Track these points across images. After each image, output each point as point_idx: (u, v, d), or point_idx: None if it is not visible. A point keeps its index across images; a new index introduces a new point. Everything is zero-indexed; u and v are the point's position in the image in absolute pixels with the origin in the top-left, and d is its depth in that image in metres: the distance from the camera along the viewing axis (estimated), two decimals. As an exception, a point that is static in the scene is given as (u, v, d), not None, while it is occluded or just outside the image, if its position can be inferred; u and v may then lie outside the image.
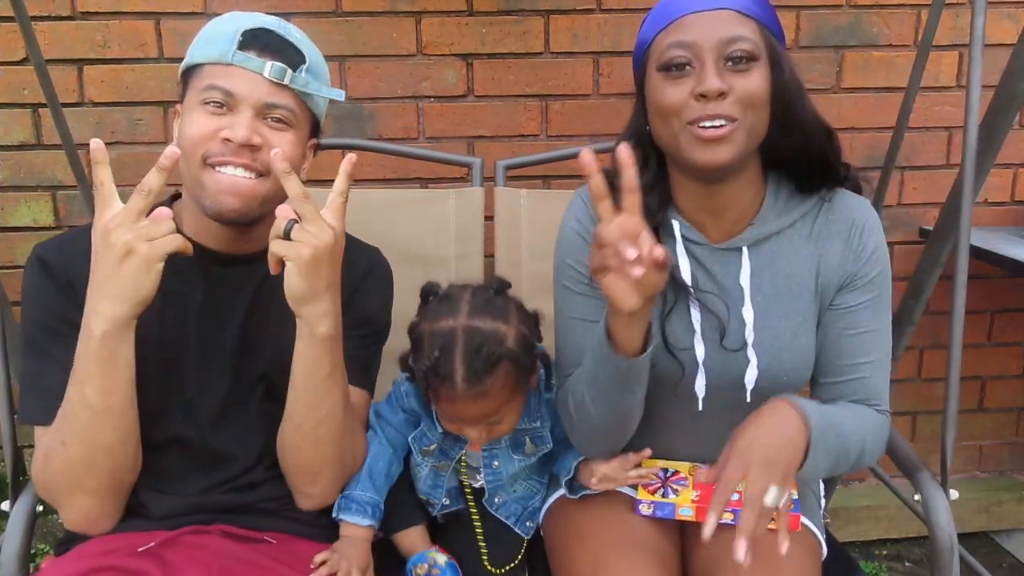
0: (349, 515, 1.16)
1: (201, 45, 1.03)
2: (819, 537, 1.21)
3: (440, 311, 1.10)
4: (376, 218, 1.56)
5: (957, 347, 1.25)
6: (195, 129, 1.00)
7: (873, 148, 2.02)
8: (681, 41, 0.99)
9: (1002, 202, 2.14)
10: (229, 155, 1.00)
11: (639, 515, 1.16)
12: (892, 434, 1.22)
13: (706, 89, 0.97)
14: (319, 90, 1.05)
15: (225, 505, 1.12)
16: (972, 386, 2.27)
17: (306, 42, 1.07)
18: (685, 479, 1.21)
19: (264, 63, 1.00)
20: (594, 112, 1.95)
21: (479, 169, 1.66)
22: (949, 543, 1.17)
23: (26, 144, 1.90)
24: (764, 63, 1.01)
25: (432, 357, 1.04)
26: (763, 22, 1.02)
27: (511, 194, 1.65)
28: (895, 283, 2.09)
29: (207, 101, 1.00)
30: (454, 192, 1.65)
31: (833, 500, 1.93)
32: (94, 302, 0.94)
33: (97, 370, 0.95)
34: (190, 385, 1.10)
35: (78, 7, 1.81)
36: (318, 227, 0.94)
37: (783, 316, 1.10)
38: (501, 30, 1.89)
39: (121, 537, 1.06)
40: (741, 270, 1.10)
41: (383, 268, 1.24)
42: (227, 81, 1.00)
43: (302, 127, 1.07)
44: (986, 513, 2.29)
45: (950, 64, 2.01)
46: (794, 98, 1.04)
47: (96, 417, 0.97)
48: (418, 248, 1.61)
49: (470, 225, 1.63)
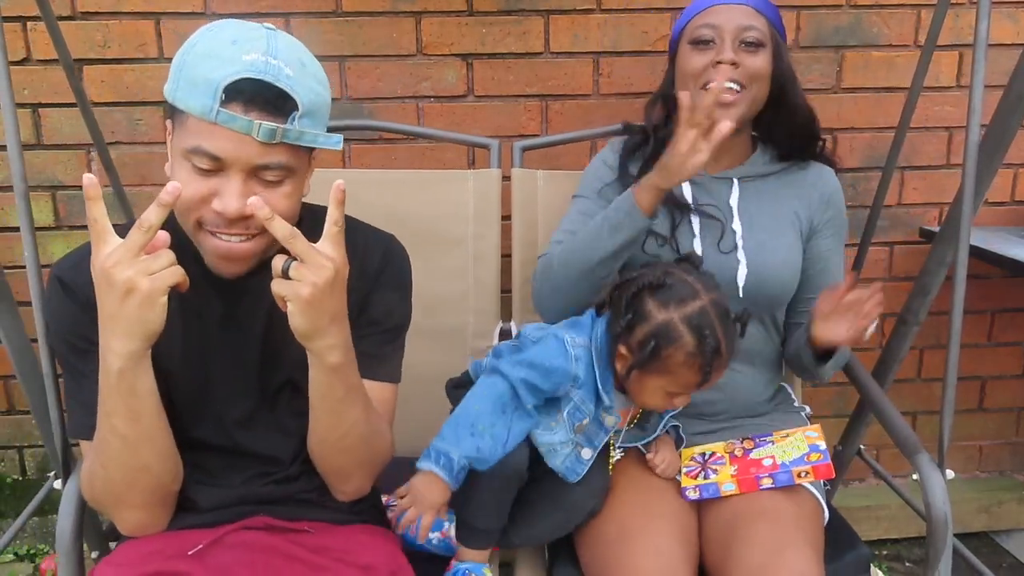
0: (428, 463, 1.13)
1: (184, 87, 0.93)
2: (821, 502, 1.31)
3: (679, 295, 1.14)
4: (395, 198, 1.59)
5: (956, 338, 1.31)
6: (186, 192, 0.93)
7: (873, 148, 2.02)
8: (709, 23, 1.33)
9: (1002, 202, 2.14)
10: (224, 227, 0.97)
11: (687, 500, 1.27)
12: (893, 416, 1.40)
13: (723, 58, 1.31)
14: (314, 140, 0.97)
15: (266, 496, 1.14)
16: (972, 386, 2.27)
17: (300, 80, 0.95)
18: (722, 458, 1.30)
19: (251, 124, 0.91)
20: (594, 112, 1.95)
21: (496, 151, 1.69)
22: (944, 520, 1.23)
23: (26, 144, 1.89)
24: (769, 50, 1.34)
25: (700, 336, 1.11)
26: (771, 20, 1.36)
27: (528, 175, 1.68)
28: (897, 283, 2.11)
29: (194, 162, 0.94)
30: (472, 173, 1.70)
31: (834, 500, 1.94)
32: (106, 339, 0.93)
33: (121, 402, 0.96)
34: (217, 398, 1.10)
35: (78, 7, 1.81)
36: (316, 264, 0.91)
37: (766, 231, 1.39)
38: (501, 30, 1.89)
39: (170, 537, 1.09)
40: (731, 194, 1.41)
41: (399, 259, 1.18)
42: (212, 143, 0.92)
43: (300, 168, 1.00)
44: (986, 513, 2.29)
45: (950, 64, 2.01)
46: (788, 82, 1.38)
47: (129, 443, 0.98)
48: (436, 228, 1.66)
49: (487, 205, 1.67)
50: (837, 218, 1.46)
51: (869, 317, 1.23)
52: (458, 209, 1.67)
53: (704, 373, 1.13)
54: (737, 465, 1.27)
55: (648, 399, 1.20)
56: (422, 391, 1.36)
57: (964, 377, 2.25)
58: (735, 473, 1.25)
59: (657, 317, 1.13)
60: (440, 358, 1.48)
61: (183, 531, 1.10)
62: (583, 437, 1.23)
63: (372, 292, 1.13)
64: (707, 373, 1.14)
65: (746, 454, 1.29)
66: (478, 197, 1.67)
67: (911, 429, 1.35)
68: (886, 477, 1.67)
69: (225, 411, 1.11)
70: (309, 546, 1.10)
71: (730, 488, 1.24)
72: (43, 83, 1.85)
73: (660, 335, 1.12)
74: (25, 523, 1.41)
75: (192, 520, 1.11)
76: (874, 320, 1.23)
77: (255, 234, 0.99)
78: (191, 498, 1.12)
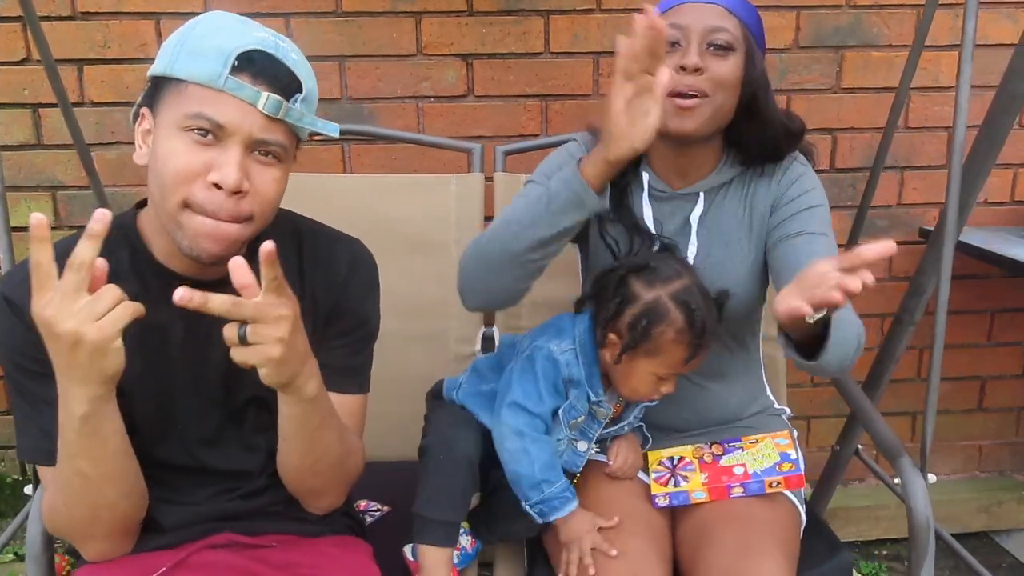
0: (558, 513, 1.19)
1: (185, 57, 0.90)
2: (798, 507, 1.29)
3: (664, 275, 1.17)
4: (377, 203, 1.58)
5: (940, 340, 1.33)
6: (179, 163, 0.89)
7: (873, 148, 2.01)
8: (676, 23, 1.18)
9: (1002, 202, 2.14)
10: (215, 207, 0.90)
11: (657, 507, 1.25)
12: (877, 421, 1.38)
13: (686, 63, 1.16)
14: (313, 124, 0.96)
15: (232, 512, 1.11)
16: (972, 386, 2.27)
17: (302, 65, 0.97)
18: (691, 463, 1.28)
19: (259, 94, 0.89)
20: (594, 112, 1.95)
21: (479, 155, 1.68)
22: (925, 524, 1.24)
23: (26, 144, 1.90)
24: (740, 55, 1.19)
25: (689, 311, 1.13)
26: (745, 22, 1.21)
27: (511, 179, 1.67)
28: (896, 283, 2.11)
29: (191, 128, 0.89)
30: (455, 178, 1.68)
31: (833, 500, 1.94)
32: (64, 385, 0.87)
33: (86, 445, 0.91)
34: (180, 416, 1.06)
35: (78, 7, 1.81)
36: (272, 318, 0.84)
37: (723, 246, 1.28)
38: (501, 30, 1.89)
39: (132, 561, 1.05)
40: (694, 210, 1.29)
41: (366, 264, 1.13)
42: (217, 110, 0.89)
43: (289, 158, 0.98)
44: (986, 513, 2.29)
45: (950, 64, 2.01)
46: (759, 90, 1.22)
47: (93, 483, 0.94)
48: (419, 233, 1.64)
49: (470, 210, 1.66)
50: (803, 198, 1.26)
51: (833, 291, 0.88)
52: (441, 213, 1.65)
53: (693, 348, 1.15)
54: (708, 473, 1.26)
55: (637, 385, 1.20)
56: (404, 395, 1.36)
57: (964, 377, 2.25)
58: (706, 481, 1.25)
59: (646, 296, 1.15)
60: (423, 362, 1.47)
61: (146, 553, 1.06)
62: (577, 432, 1.25)
63: (340, 302, 1.09)
64: (696, 348, 1.15)
65: (716, 460, 1.28)
66: (461, 201, 1.66)
67: (893, 433, 1.36)
68: (884, 477, 1.67)
69: (188, 429, 1.06)
70: (275, 563, 1.07)
71: (700, 496, 1.24)
72: (43, 83, 1.83)
73: (650, 313, 1.14)
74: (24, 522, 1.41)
75: (155, 542, 1.07)
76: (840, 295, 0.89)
77: (246, 218, 0.94)
78: (154, 518, 1.07)
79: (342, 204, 1.58)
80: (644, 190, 1.29)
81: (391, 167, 1.95)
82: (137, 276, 1.01)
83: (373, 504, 1.45)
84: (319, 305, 1.09)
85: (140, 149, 0.97)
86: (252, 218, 0.94)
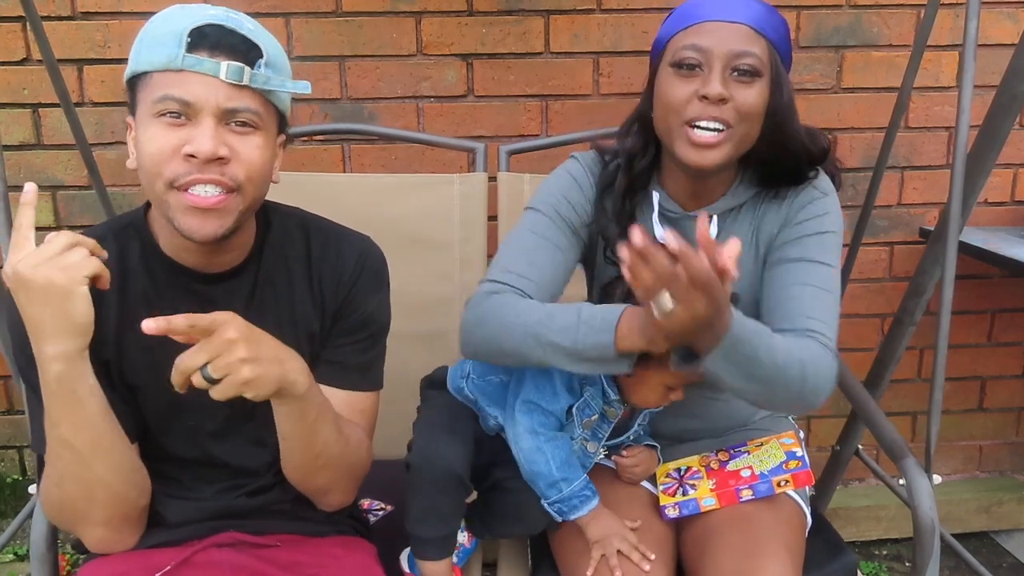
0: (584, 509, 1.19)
1: (145, 50, 0.93)
2: (803, 508, 1.27)
3: None
4: (381, 202, 1.58)
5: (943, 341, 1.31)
6: (153, 146, 0.91)
7: (873, 148, 2.02)
8: (696, 44, 1.09)
9: (1002, 202, 2.14)
10: (196, 173, 0.91)
11: (667, 519, 1.24)
12: (881, 421, 1.35)
13: (708, 92, 1.06)
14: (282, 85, 0.96)
15: (239, 509, 1.11)
16: (972, 386, 2.27)
17: (261, 32, 0.97)
18: (698, 472, 1.28)
19: (218, 64, 0.90)
20: (594, 112, 1.95)
21: (482, 155, 1.68)
22: (931, 525, 1.22)
23: (26, 144, 1.90)
24: (766, 81, 1.10)
25: None
26: (774, 43, 1.10)
27: (514, 179, 1.68)
28: (896, 283, 2.11)
29: (162, 113, 0.91)
30: (458, 177, 1.68)
31: (833, 500, 1.94)
32: (39, 347, 0.90)
33: (66, 411, 0.93)
34: (190, 409, 1.07)
35: (78, 7, 1.81)
36: (224, 348, 0.86)
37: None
38: (501, 30, 1.89)
39: (137, 557, 1.05)
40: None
41: (375, 262, 1.13)
42: (180, 89, 0.90)
43: (269, 126, 0.97)
44: (986, 513, 2.29)
45: (950, 64, 2.01)
46: (786, 119, 1.13)
47: (79, 455, 0.95)
48: (423, 232, 1.65)
49: (474, 210, 1.66)
50: (811, 223, 1.18)
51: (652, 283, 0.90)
52: (445, 213, 1.66)
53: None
54: (715, 479, 1.26)
55: (648, 394, 1.19)
56: (407, 394, 1.36)
57: (964, 377, 2.25)
58: (714, 487, 1.24)
59: None
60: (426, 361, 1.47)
61: (150, 550, 1.06)
62: (589, 432, 1.25)
63: (347, 300, 1.10)
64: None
65: (722, 466, 1.28)
66: (464, 201, 1.67)
67: (897, 433, 1.35)
68: (884, 478, 1.67)
69: (198, 422, 1.07)
70: (280, 563, 1.07)
71: (710, 503, 1.23)
72: (43, 83, 1.85)
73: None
74: (24, 522, 1.41)
75: (160, 537, 1.07)
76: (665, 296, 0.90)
77: (232, 188, 0.94)
78: (160, 512, 1.08)
79: (346, 204, 1.58)
80: (654, 211, 1.22)
81: (391, 167, 1.94)
82: (147, 271, 1.03)
83: (376, 503, 1.45)
84: (326, 302, 1.09)
85: (132, 155, 0.99)
86: (240, 187, 0.94)
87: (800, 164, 1.18)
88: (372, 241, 1.15)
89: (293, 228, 1.10)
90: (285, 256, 1.09)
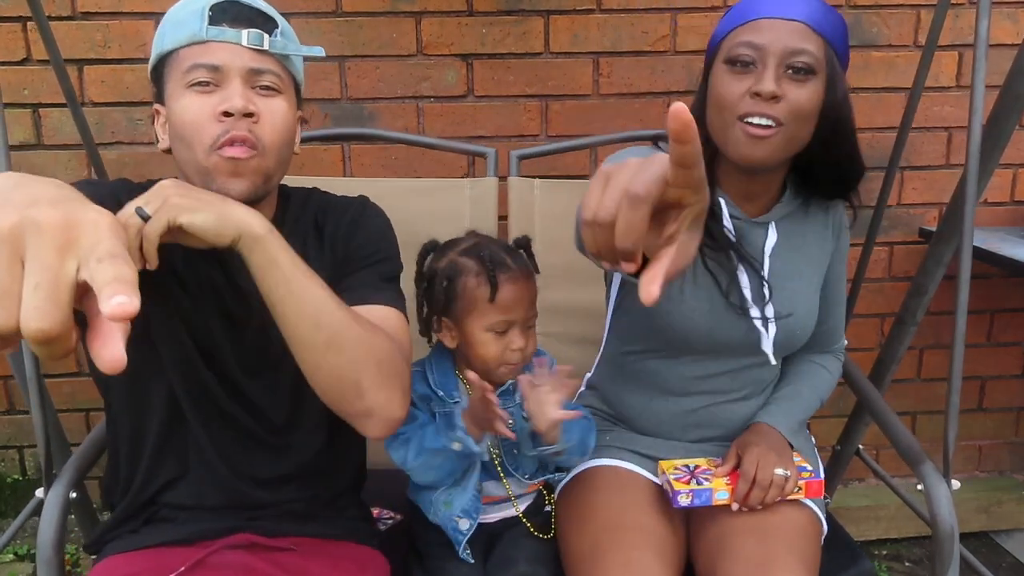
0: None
1: (168, 32, 1.00)
2: (819, 515, 1.26)
3: (452, 244, 1.22)
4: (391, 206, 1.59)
5: (960, 343, 1.29)
6: (189, 115, 0.97)
7: (873, 148, 2.02)
8: (751, 42, 1.09)
9: (1002, 202, 2.14)
10: (232, 131, 0.97)
11: (679, 507, 1.20)
12: (896, 425, 1.36)
13: (761, 89, 1.07)
14: (299, 50, 1.04)
15: (253, 501, 1.10)
16: (972, 386, 2.27)
17: (270, 8, 1.05)
18: (708, 469, 1.26)
19: (239, 32, 0.98)
20: (594, 112, 1.95)
21: (493, 159, 1.68)
22: (950, 532, 1.20)
23: (26, 144, 1.90)
24: (821, 79, 1.10)
25: (478, 255, 1.16)
26: (830, 41, 1.10)
27: (525, 184, 1.68)
28: (895, 283, 2.11)
29: (193, 83, 0.97)
30: (468, 182, 1.68)
31: (833, 500, 1.94)
32: None
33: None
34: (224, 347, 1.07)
35: (78, 7, 1.81)
36: (159, 192, 0.90)
37: (796, 277, 1.27)
38: (501, 30, 1.89)
39: (148, 557, 1.06)
40: (767, 240, 1.24)
41: (374, 210, 1.19)
42: (208, 57, 0.97)
43: (289, 93, 1.05)
44: (986, 513, 2.29)
45: (950, 64, 2.01)
46: (842, 118, 1.13)
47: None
48: (433, 235, 1.61)
49: (484, 215, 1.66)
50: (845, 240, 1.34)
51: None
52: (455, 217, 1.65)
53: (494, 282, 1.13)
54: (728, 476, 1.23)
55: (483, 352, 1.16)
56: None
57: (964, 377, 2.22)
58: (728, 482, 1.21)
59: (440, 264, 1.20)
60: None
61: (162, 548, 1.07)
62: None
63: (350, 238, 1.13)
64: (497, 281, 1.13)
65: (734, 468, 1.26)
66: (475, 206, 1.66)
67: (913, 437, 1.33)
68: (885, 478, 1.67)
69: (230, 359, 1.08)
70: (292, 569, 1.07)
71: (723, 496, 1.19)
72: (43, 83, 1.85)
73: (448, 274, 1.17)
74: (25, 523, 1.41)
75: (172, 534, 1.08)
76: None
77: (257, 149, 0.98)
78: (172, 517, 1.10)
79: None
80: (724, 216, 1.22)
81: (391, 167, 1.95)
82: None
83: (386, 512, 1.45)
84: (336, 255, 1.13)
85: (161, 140, 1.05)
86: (264, 150, 0.99)
87: (850, 179, 1.23)
88: (371, 200, 1.21)
89: (305, 203, 1.17)
90: (301, 232, 1.12)
